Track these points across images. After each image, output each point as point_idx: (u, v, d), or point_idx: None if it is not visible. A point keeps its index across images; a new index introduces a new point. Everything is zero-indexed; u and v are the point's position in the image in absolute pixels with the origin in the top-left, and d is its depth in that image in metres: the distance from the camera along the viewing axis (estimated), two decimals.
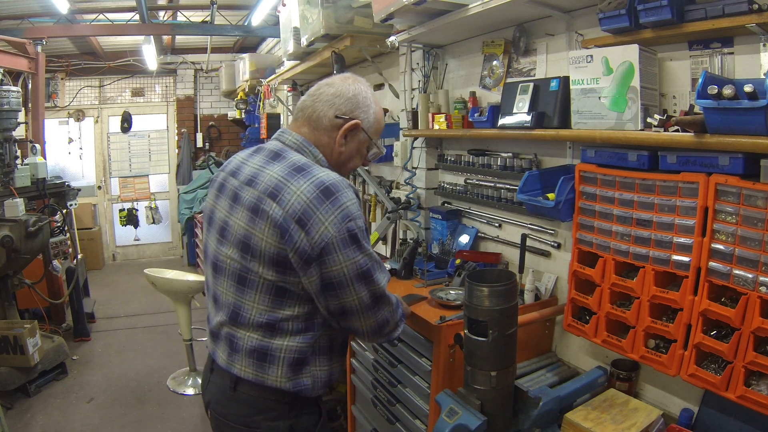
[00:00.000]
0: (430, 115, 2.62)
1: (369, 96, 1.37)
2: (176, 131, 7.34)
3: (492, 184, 2.42)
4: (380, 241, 3.05)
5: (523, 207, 2.05)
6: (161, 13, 5.87)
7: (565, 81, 1.80)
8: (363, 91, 1.36)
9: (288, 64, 4.25)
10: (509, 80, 2.24)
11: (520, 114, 1.95)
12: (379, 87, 3.51)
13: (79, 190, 4.58)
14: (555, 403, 1.50)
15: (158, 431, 3.07)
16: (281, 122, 5.42)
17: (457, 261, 2.38)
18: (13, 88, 3.57)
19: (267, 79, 5.21)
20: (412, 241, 2.63)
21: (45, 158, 4.32)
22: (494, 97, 2.39)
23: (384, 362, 2.20)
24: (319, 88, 1.36)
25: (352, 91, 1.34)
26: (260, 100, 5.51)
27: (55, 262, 4.27)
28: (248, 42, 6.84)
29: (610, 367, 1.77)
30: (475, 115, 2.29)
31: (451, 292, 2.17)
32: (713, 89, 1.22)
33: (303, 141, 1.32)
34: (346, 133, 1.33)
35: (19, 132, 4.72)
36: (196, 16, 5.74)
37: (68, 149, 7.01)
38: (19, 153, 3.86)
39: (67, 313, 4.46)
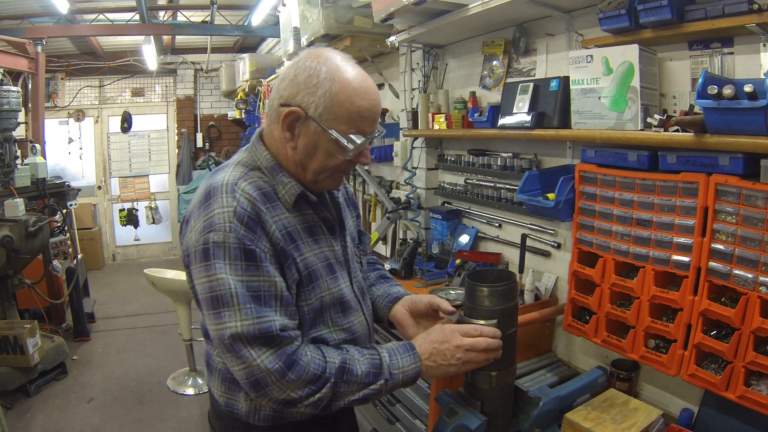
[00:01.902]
0: (430, 115, 2.62)
1: (321, 73, 1.01)
2: (176, 131, 7.33)
3: (492, 184, 2.42)
4: (380, 241, 3.06)
5: (523, 207, 2.05)
6: (161, 13, 5.87)
7: (565, 81, 1.80)
8: (311, 68, 1.02)
9: (288, 64, 4.24)
10: (509, 80, 2.24)
11: (520, 114, 1.95)
12: (379, 87, 3.50)
13: (79, 190, 4.58)
14: (555, 403, 1.50)
15: (158, 431, 3.07)
16: None
17: (457, 261, 2.38)
18: (13, 88, 3.57)
19: (267, 79, 5.21)
20: (412, 241, 2.63)
21: (45, 158, 4.32)
22: (494, 97, 2.39)
23: None
24: None
25: (295, 70, 1.04)
26: (260, 100, 5.51)
27: (55, 262, 4.27)
28: (248, 42, 6.83)
29: (610, 367, 1.77)
30: (475, 115, 2.29)
31: (451, 292, 2.17)
32: (713, 89, 1.22)
33: (256, 136, 1.15)
34: (288, 124, 1.04)
35: (19, 132, 4.72)
36: (196, 16, 5.74)
37: (68, 149, 7.01)
38: (19, 153, 3.86)
39: (67, 313, 4.46)
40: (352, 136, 1.04)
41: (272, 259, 1.02)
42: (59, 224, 4.41)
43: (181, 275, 3.62)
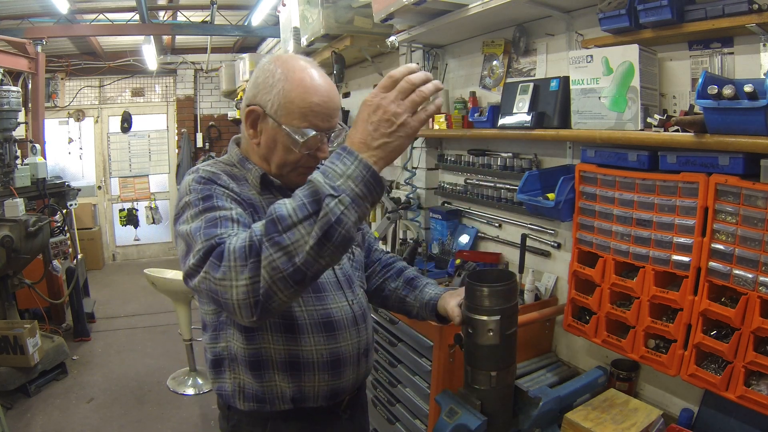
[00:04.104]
0: None
1: (276, 74, 1.11)
2: (176, 131, 7.34)
3: (492, 184, 2.42)
4: (380, 241, 3.06)
5: (523, 207, 2.05)
6: (161, 13, 5.87)
7: (565, 81, 1.80)
8: (268, 70, 1.13)
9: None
10: (509, 80, 2.24)
11: (520, 114, 1.95)
12: None
13: (79, 190, 4.58)
14: (555, 403, 1.50)
15: (158, 431, 3.07)
16: None
17: (457, 261, 2.38)
18: (13, 88, 3.57)
19: None
20: (412, 241, 2.63)
21: (45, 158, 4.33)
22: (494, 97, 2.39)
23: (384, 362, 2.21)
24: None
25: (256, 73, 1.16)
26: None
27: (55, 262, 4.27)
28: (248, 42, 6.83)
29: (610, 367, 1.77)
30: (475, 115, 2.29)
31: None
32: (713, 89, 1.22)
33: (232, 140, 1.27)
34: (251, 122, 1.15)
35: (19, 132, 4.72)
36: (196, 16, 5.74)
37: (68, 149, 7.01)
38: (19, 153, 3.86)
39: (67, 313, 4.46)
40: (304, 130, 1.10)
41: (229, 199, 1.06)
42: (59, 224, 4.41)
43: (180, 275, 3.62)
